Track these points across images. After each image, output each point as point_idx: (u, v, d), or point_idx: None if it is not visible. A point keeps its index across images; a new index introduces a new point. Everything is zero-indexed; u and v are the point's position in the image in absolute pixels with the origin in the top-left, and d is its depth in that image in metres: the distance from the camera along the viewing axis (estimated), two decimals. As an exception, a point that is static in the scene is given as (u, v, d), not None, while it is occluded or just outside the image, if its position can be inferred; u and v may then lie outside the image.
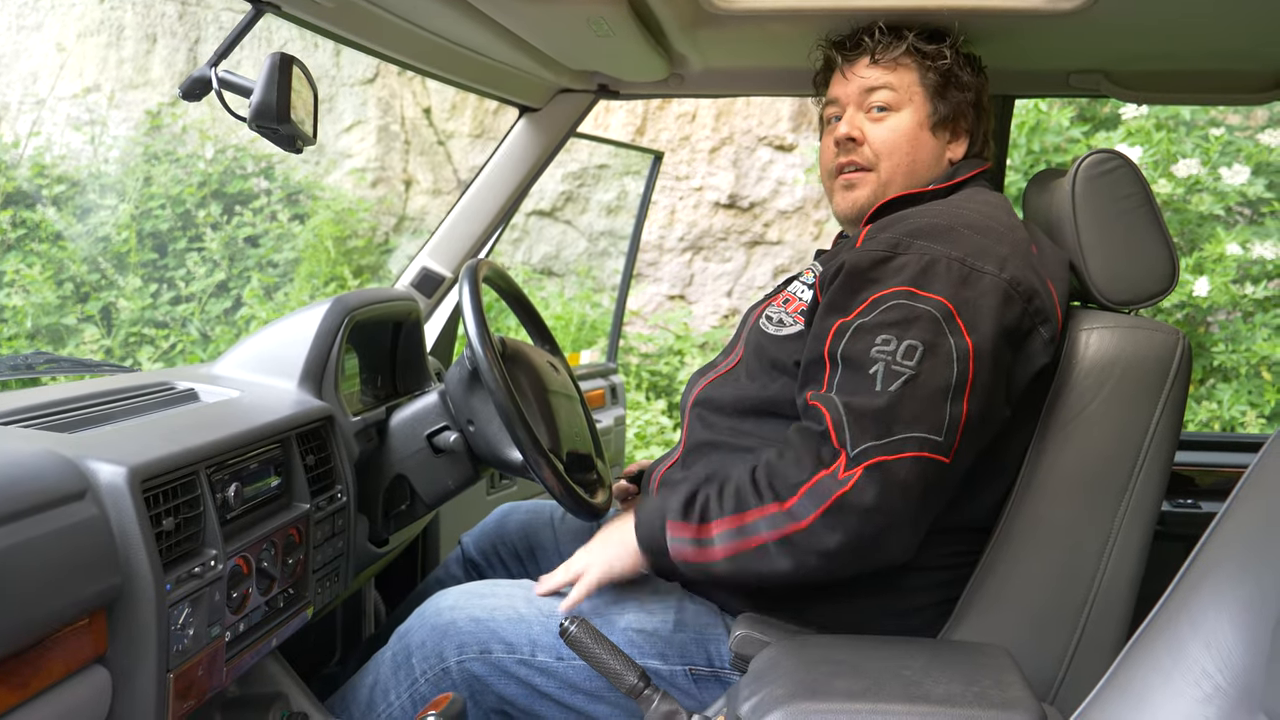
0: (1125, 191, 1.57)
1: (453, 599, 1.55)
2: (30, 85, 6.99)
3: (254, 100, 1.36)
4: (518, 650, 1.49)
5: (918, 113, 1.64)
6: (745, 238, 6.67)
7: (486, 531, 1.97)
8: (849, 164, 1.66)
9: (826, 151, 1.72)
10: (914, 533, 1.37)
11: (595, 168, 6.91)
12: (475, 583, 1.61)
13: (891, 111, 1.65)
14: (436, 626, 1.52)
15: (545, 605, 1.53)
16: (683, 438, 1.68)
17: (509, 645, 1.49)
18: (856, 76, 1.67)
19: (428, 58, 1.93)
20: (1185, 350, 1.49)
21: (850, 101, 1.68)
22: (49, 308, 6.02)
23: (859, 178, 1.66)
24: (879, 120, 1.65)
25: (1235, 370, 4.93)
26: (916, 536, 1.38)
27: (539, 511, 1.96)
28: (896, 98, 1.64)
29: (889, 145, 1.64)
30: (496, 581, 1.62)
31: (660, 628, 1.50)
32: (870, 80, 1.65)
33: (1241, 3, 1.63)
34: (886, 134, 1.64)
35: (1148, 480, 1.47)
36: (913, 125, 1.64)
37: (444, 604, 1.55)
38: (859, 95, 1.67)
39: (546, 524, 1.94)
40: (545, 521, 1.94)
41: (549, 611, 1.51)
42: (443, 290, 2.34)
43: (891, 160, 1.64)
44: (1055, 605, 1.47)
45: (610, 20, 1.69)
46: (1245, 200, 4.93)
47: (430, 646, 1.52)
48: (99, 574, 1.05)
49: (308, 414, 1.52)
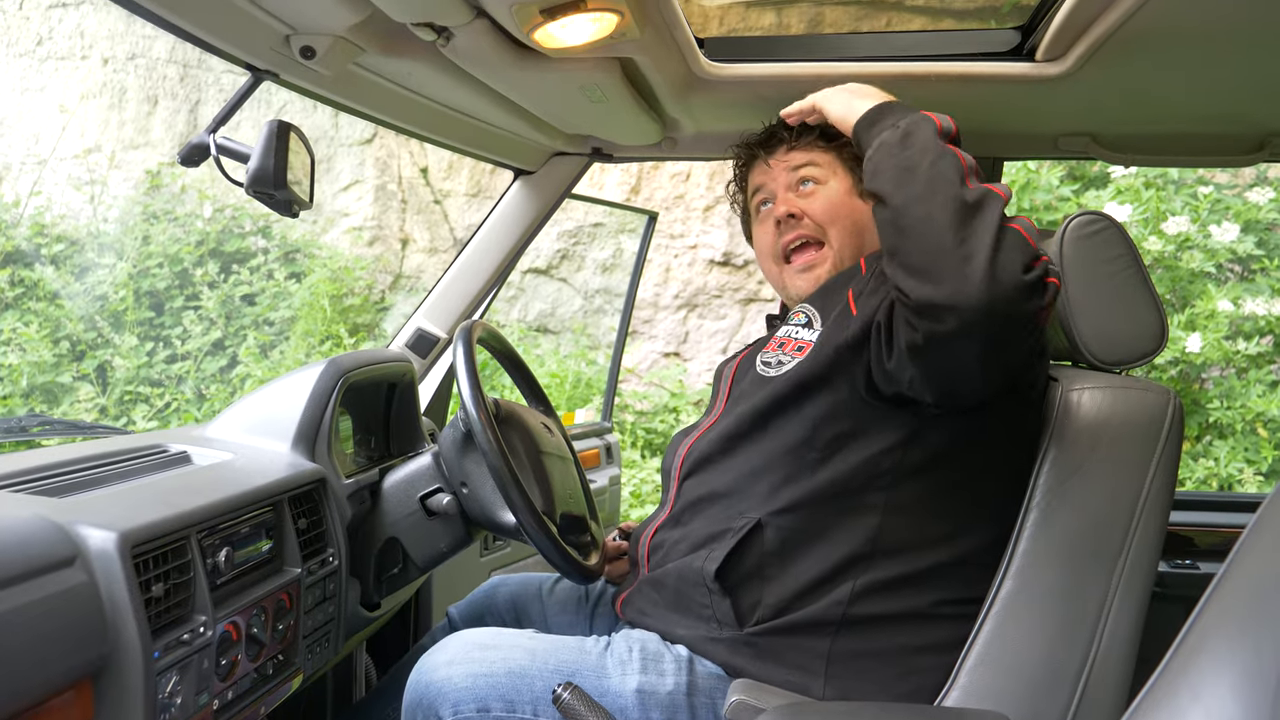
0: (1113, 252, 1.58)
1: (451, 653, 1.51)
2: (32, 146, 7.06)
3: (251, 166, 1.37)
4: (518, 709, 1.45)
5: (843, 182, 1.74)
6: (739, 295, 6.71)
7: (475, 602, 1.94)
8: (796, 239, 1.73)
9: (767, 237, 1.78)
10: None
11: (590, 226, 6.96)
12: (477, 631, 1.56)
13: (819, 184, 1.74)
14: (432, 684, 1.49)
15: (548, 659, 1.49)
16: (671, 499, 1.68)
17: (509, 703, 1.45)
18: (779, 163, 1.77)
19: (425, 123, 1.96)
20: (1177, 409, 1.49)
21: (778, 184, 1.77)
22: (45, 366, 6.02)
23: (815, 257, 1.72)
24: (810, 195, 1.74)
25: (1231, 427, 4.93)
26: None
27: (528, 583, 1.94)
28: (822, 172, 1.74)
29: (828, 213, 1.71)
30: (500, 631, 1.57)
31: (675, 690, 1.48)
32: (794, 160, 1.75)
33: (1225, 68, 1.66)
34: (823, 203, 1.72)
35: (1144, 541, 1.46)
36: (843, 193, 1.73)
37: (441, 659, 1.51)
38: (785, 176, 1.76)
39: (535, 596, 1.91)
40: (534, 594, 1.92)
41: (553, 666, 1.48)
42: (437, 351, 2.34)
43: (836, 226, 1.71)
44: (1053, 669, 1.45)
45: (604, 87, 1.71)
46: (1235, 257, 4.97)
47: (426, 704, 1.48)
48: (87, 643, 1.04)
49: (300, 477, 1.51)
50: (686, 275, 6.77)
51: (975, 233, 1.26)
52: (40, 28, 7.18)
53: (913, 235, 1.30)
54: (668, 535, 1.63)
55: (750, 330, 6.67)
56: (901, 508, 1.50)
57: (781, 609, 1.50)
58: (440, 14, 1.40)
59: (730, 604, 1.51)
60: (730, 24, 2.05)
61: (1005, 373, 1.38)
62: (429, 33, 1.45)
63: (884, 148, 1.39)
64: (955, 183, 1.31)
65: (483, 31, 1.46)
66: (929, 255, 1.28)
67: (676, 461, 1.69)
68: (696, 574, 1.53)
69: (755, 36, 1.82)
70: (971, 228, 1.26)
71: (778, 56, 1.78)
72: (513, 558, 2.53)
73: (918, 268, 1.29)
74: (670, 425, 6.27)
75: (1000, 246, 1.25)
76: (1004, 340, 1.29)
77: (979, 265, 1.24)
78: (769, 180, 1.78)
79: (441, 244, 7.07)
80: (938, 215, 1.28)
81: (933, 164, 1.33)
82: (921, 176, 1.32)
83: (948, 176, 1.31)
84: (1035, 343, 1.41)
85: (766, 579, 1.51)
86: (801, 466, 1.51)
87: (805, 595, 1.49)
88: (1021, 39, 1.73)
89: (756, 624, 1.50)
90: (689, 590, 1.55)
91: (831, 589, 1.49)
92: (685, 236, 6.76)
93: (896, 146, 1.38)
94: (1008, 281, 1.24)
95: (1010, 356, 1.34)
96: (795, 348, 1.60)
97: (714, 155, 2.24)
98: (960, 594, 1.50)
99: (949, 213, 1.28)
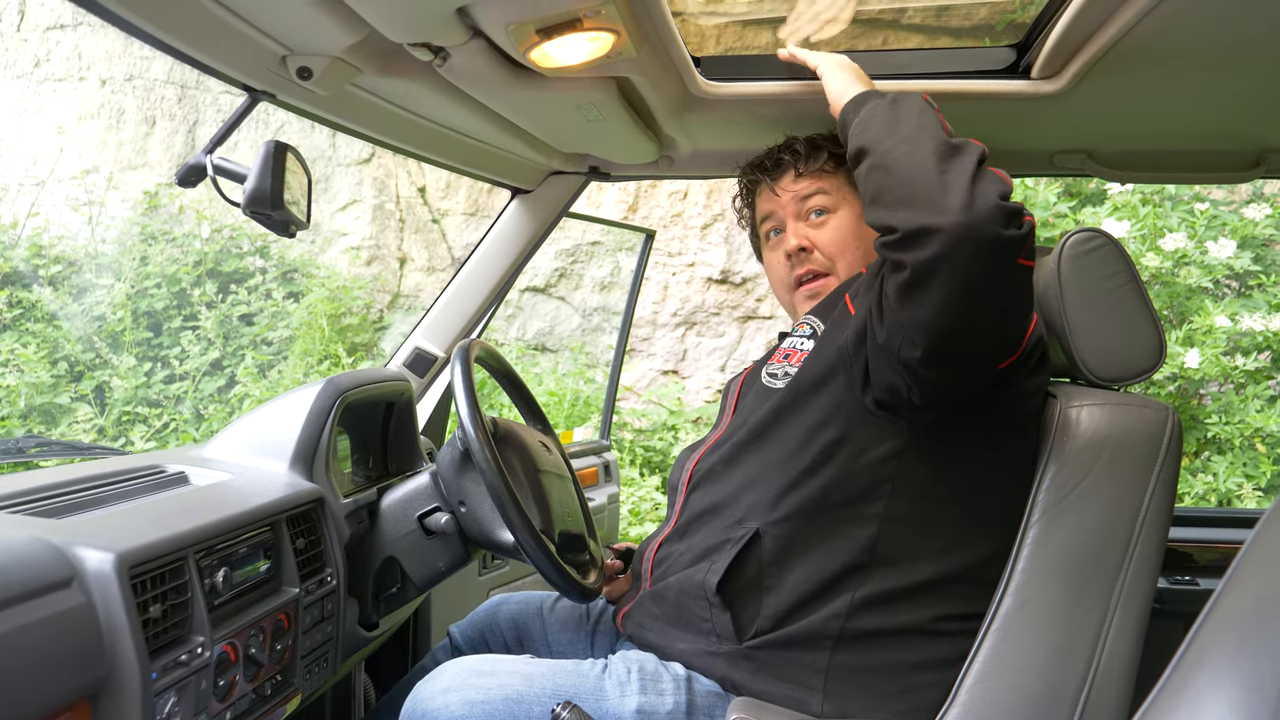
0: (1110, 269, 1.59)
1: (447, 680, 1.50)
2: (30, 167, 7.08)
3: (248, 187, 1.38)
4: None
5: (853, 210, 1.74)
6: (738, 312, 6.71)
7: (476, 622, 1.94)
8: (806, 274, 1.74)
9: (779, 266, 1.80)
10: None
11: (588, 244, 6.97)
12: (473, 659, 1.56)
13: (830, 214, 1.74)
14: (429, 713, 1.48)
15: (545, 684, 1.48)
16: (676, 513, 1.68)
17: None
18: (786, 190, 1.77)
19: (422, 143, 1.97)
20: (1175, 426, 1.49)
21: (787, 214, 1.77)
22: (43, 387, 6.02)
23: (821, 285, 1.74)
24: (820, 225, 1.75)
25: (1229, 442, 4.93)
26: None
27: (529, 602, 1.94)
28: (831, 200, 1.75)
29: (838, 246, 1.73)
30: (498, 658, 1.56)
31: (674, 709, 1.48)
32: (802, 189, 1.76)
33: (1220, 86, 1.66)
34: (833, 235, 1.73)
35: (1143, 557, 1.46)
36: (853, 222, 1.73)
37: (437, 687, 1.50)
38: (794, 205, 1.76)
39: (536, 614, 1.91)
40: (535, 613, 1.91)
41: (550, 690, 1.47)
42: (435, 370, 2.34)
43: (845, 259, 1.73)
44: (1053, 686, 1.45)
45: (601, 106, 1.72)
46: (1232, 273, 4.98)
47: None
48: (85, 664, 1.04)
49: (298, 496, 1.51)
50: (684, 293, 6.78)
51: (954, 167, 1.34)
52: (38, 49, 7.21)
53: (896, 170, 1.38)
54: (672, 549, 1.64)
55: (749, 348, 6.68)
56: (898, 519, 1.50)
57: (779, 621, 1.50)
58: (437, 35, 1.41)
59: (730, 617, 1.51)
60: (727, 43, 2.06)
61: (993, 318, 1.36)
62: (426, 53, 1.46)
63: (874, 109, 1.47)
64: (939, 128, 1.41)
65: (479, 52, 1.47)
66: (911, 185, 1.35)
67: (684, 477, 1.70)
68: (697, 587, 1.53)
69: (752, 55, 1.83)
70: (951, 162, 1.34)
71: (774, 75, 1.78)
72: (511, 576, 2.53)
73: (900, 199, 1.35)
74: (669, 443, 6.26)
75: (979, 178, 1.33)
76: (987, 269, 1.31)
77: (959, 190, 1.31)
78: (778, 208, 1.79)
79: (439, 263, 7.08)
80: (922, 150, 1.36)
81: (920, 114, 1.43)
82: (909, 123, 1.42)
83: (933, 123, 1.41)
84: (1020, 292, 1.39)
85: (765, 589, 1.51)
86: (797, 475, 1.52)
87: (803, 607, 1.50)
88: (1017, 57, 1.74)
89: (754, 636, 1.50)
90: (689, 604, 1.55)
91: (829, 600, 1.49)
92: (683, 254, 6.78)
93: (886, 107, 1.47)
94: (985, 205, 1.30)
95: (996, 295, 1.34)
96: (799, 357, 1.62)
97: (711, 173, 2.25)
98: (959, 610, 1.50)
99: (931, 149, 1.36)
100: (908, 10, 2.59)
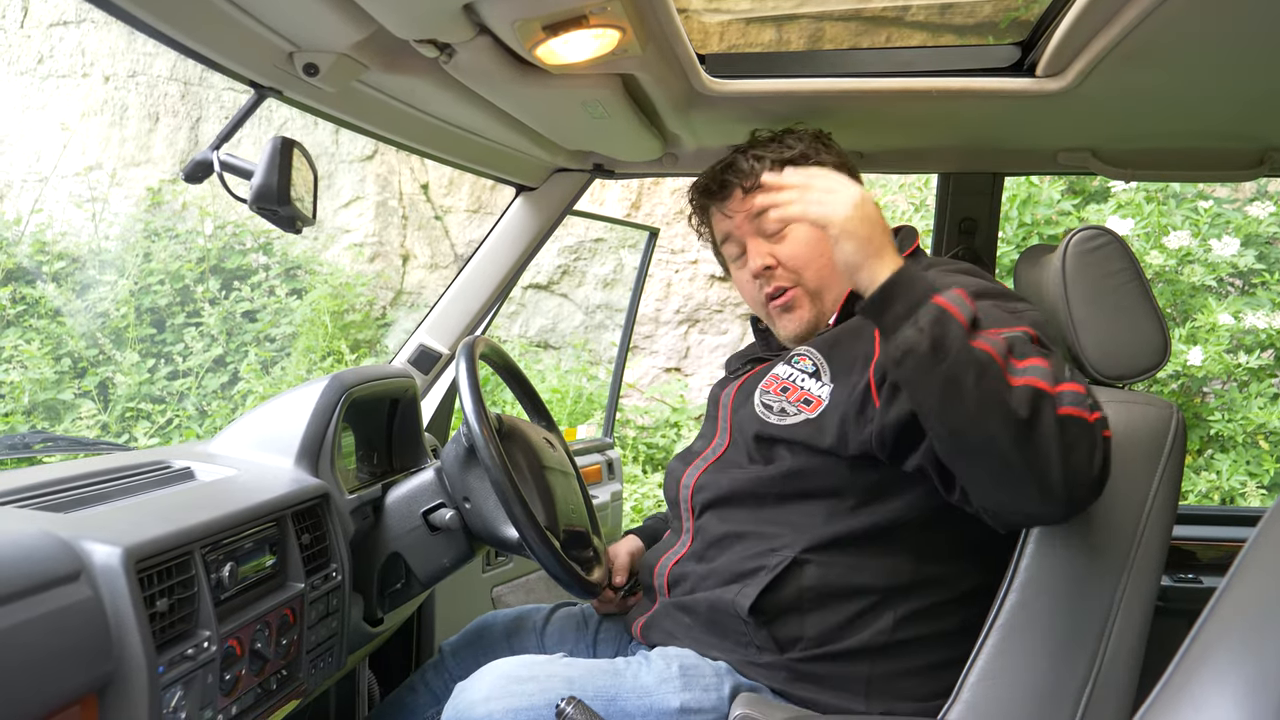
0: (1115, 267, 1.59)
1: (487, 689, 1.45)
2: (34, 163, 7.08)
3: (255, 183, 1.38)
4: None
5: None
6: (740, 310, 6.71)
7: (467, 637, 1.90)
8: (776, 290, 1.71)
9: (749, 287, 1.76)
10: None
11: (592, 241, 6.97)
12: (509, 662, 1.51)
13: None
14: None
15: (586, 685, 1.45)
16: (688, 533, 1.67)
17: None
18: (738, 211, 1.74)
19: (427, 140, 1.97)
20: (1179, 424, 1.49)
21: (744, 232, 1.74)
22: (46, 383, 6.02)
23: (791, 298, 1.71)
24: (781, 239, 1.71)
25: (1233, 440, 4.93)
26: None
27: (522, 617, 1.91)
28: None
29: (802, 257, 1.70)
30: (533, 659, 1.51)
31: (718, 704, 1.48)
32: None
33: (1225, 84, 1.66)
34: (794, 248, 1.70)
35: (1147, 555, 1.46)
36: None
37: (478, 696, 1.44)
38: (748, 224, 1.73)
39: (530, 629, 1.88)
40: (529, 628, 1.89)
41: (593, 692, 1.44)
42: (439, 367, 2.35)
43: (811, 268, 1.69)
44: (1057, 682, 1.45)
45: (605, 103, 1.72)
46: (1236, 271, 4.98)
47: None
48: (92, 659, 1.04)
49: (303, 492, 1.52)
50: (687, 290, 6.78)
51: (1040, 448, 1.21)
52: (41, 46, 7.21)
53: (979, 461, 1.27)
54: (691, 569, 1.63)
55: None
56: (939, 541, 1.52)
57: (825, 640, 1.51)
58: (443, 31, 1.41)
59: (768, 633, 1.51)
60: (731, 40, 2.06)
61: None
62: (432, 50, 1.46)
63: (913, 359, 1.26)
64: (1003, 394, 1.22)
65: (485, 48, 1.47)
66: (1000, 476, 1.26)
67: (685, 494, 1.69)
68: (729, 605, 1.53)
69: (756, 52, 1.83)
70: (1035, 444, 1.21)
71: (778, 72, 1.78)
72: (515, 573, 2.53)
73: (992, 486, 1.29)
74: (671, 440, 6.26)
75: (1068, 449, 1.21)
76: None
77: (1055, 480, 1.21)
78: (733, 229, 1.76)
79: (442, 260, 7.09)
80: (999, 437, 1.21)
81: (977, 381, 1.22)
82: (969, 396, 1.22)
83: (995, 390, 1.22)
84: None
85: (805, 612, 1.52)
86: (835, 514, 1.53)
87: (848, 626, 1.51)
88: (1022, 54, 1.74)
89: (797, 650, 1.52)
90: (723, 619, 1.55)
91: (875, 619, 1.51)
92: (686, 252, 6.78)
93: (929, 359, 1.24)
94: (1083, 484, 1.23)
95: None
96: (801, 399, 1.58)
97: (715, 171, 2.24)
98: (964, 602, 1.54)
99: (1009, 434, 1.21)
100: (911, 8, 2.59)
